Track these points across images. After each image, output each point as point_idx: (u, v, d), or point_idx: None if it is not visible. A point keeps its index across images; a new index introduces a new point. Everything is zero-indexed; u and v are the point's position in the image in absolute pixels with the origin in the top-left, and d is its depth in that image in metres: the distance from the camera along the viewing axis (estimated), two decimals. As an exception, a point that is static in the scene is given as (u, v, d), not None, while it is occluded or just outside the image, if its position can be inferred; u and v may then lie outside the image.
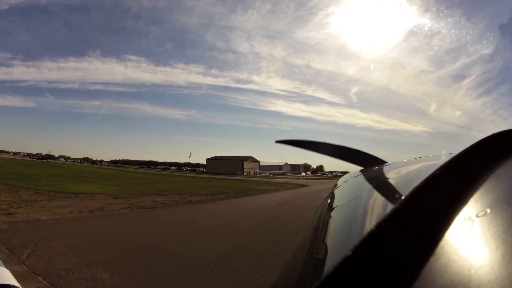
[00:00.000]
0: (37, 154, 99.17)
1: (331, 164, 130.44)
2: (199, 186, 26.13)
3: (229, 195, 18.64)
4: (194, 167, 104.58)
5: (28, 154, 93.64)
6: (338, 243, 0.62)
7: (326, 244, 0.64)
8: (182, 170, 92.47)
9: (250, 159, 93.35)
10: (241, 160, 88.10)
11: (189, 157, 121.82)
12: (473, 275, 0.29)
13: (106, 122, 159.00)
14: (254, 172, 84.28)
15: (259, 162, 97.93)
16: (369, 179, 1.12)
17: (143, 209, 11.15)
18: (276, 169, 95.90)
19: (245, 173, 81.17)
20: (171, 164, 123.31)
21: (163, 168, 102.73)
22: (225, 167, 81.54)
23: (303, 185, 33.94)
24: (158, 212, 10.87)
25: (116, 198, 14.32)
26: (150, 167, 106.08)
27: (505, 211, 0.37)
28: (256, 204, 14.58)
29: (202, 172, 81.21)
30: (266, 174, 77.54)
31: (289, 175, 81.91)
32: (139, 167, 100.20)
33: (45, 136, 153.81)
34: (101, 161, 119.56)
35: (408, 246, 0.35)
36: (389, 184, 0.88)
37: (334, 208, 0.94)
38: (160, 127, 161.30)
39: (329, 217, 0.85)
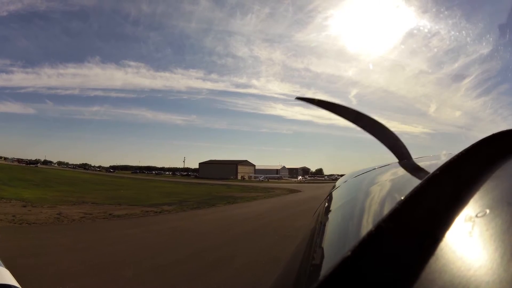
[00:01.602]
0: (35, 160, 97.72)
1: (332, 167, 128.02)
2: (166, 193, 23.49)
3: (186, 205, 15.59)
4: (188, 172, 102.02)
5: (17, 160, 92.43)
6: (337, 243, 0.62)
7: (325, 245, 0.64)
8: (176, 176, 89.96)
9: (245, 162, 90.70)
10: (234, 164, 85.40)
11: (183, 161, 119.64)
12: (473, 276, 0.29)
13: (106, 128, 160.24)
14: (249, 177, 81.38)
15: (254, 165, 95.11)
16: (368, 179, 1.12)
17: (13, 225, 8.41)
18: (273, 173, 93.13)
19: (239, 177, 78.26)
20: (169, 169, 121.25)
21: (157, 173, 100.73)
22: (219, 172, 78.98)
23: (294, 191, 30.57)
24: (21, 231, 8.22)
25: (25, 206, 11.70)
26: (144, 172, 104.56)
27: (505, 212, 0.37)
28: (197, 225, 10.81)
29: (195, 177, 78.46)
30: (260, 178, 74.72)
31: (285, 179, 79.02)
32: (132, 173, 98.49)
33: (46, 142, 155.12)
34: (100, 166, 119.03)
35: (407, 247, 0.35)
36: (389, 184, 0.88)
37: (333, 208, 0.94)
38: (160, 132, 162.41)
39: (328, 217, 0.84)
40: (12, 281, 1.45)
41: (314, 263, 0.58)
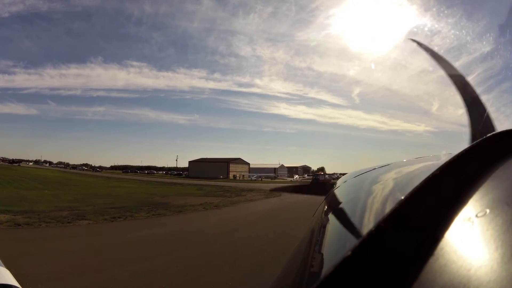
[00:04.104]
0: (19, 159, 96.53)
1: (334, 165, 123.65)
2: (92, 195, 19.58)
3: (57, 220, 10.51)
4: (180, 171, 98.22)
5: (1, 159, 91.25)
6: (337, 243, 0.63)
7: (325, 244, 0.65)
8: (167, 175, 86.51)
9: (238, 160, 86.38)
10: (226, 162, 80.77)
11: (176, 160, 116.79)
12: (473, 276, 0.30)
13: (109, 128, 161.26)
14: (241, 176, 76.65)
15: (248, 164, 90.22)
16: (368, 179, 1.13)
17: None
18: (271, 172, 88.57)
19: (231, 177, 73.59)
20: (169, 169, 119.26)
21: (148, 173, 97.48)
22: (209, 170, 74.97)
23: (274, 195, 25.05)
24: None
25: None
26: (137, 172, 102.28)
27: (505, 212, 0.38)
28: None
29: (185, 177, 74.20)
30: (252, 177, 69.88)
31: (281, 179, 74.06)
32: (123, 172, 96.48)
33: (49, 143, 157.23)
34: (99, 166, 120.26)
35: (407, 246, 0.36)
36: (389, 184, 0.89)
37: (333, 208, 0.95)
38: (163, 132, 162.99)
39: (328, 217, 0.86)
40: (12, 281, 1.47)
41: (314, 263, 0.59)
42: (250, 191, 27.71)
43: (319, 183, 38.43)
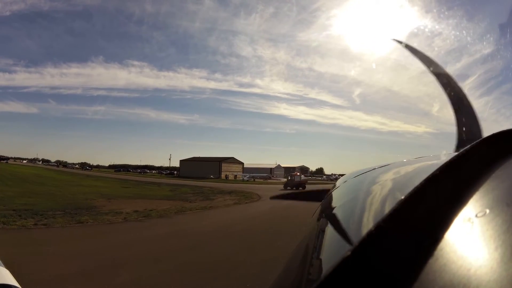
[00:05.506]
0: (6, 156, 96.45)
1: (333, 166, 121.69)
2: (32, 193, 18.62)
3: None
4: (173, 171, 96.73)
5: None
6: (337, 243, 0.63)
7: (325, 245, 0.65)
8: (157, 174, 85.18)
9: (230, 160, 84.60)
10: (218, 162, 78.76)
11: (169, 159, 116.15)
12: (473, 276, 0.30)
13: (109, 127, 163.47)
14: (234, 176, 74.59)
15: (242, 163, 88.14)
16: (368, 179, 1.14)
17: None
18: (266, 172, 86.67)
19: (223, 176, 71.62)
20: (167, 168, 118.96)
21: (140, 172, 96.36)
22: (201, 170, 73.35)
23: (251, 199, 21.81)
24: None
25: None
26: (129, 171, 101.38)
27: (505, 212, 0.38)
28: None
29: (177, 176, 72.42)
30: (244, 178, 67.79)
31: (275, 179, 71.95)
32: (115, 171, 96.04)
33: (50, 141, 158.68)
34: (97, 165, 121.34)
35: (407, 247, 0.37)
36: (389, 184, 0.90)
37: (333, 208, 0.95)
38: (163, 132, 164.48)
39: (328, 217, 0.86)
40: (12, 281, 1.48)
41: (314, 264, 0.59)
42: (227, 194, 25.37)
43: (294, 185, 34.56)
